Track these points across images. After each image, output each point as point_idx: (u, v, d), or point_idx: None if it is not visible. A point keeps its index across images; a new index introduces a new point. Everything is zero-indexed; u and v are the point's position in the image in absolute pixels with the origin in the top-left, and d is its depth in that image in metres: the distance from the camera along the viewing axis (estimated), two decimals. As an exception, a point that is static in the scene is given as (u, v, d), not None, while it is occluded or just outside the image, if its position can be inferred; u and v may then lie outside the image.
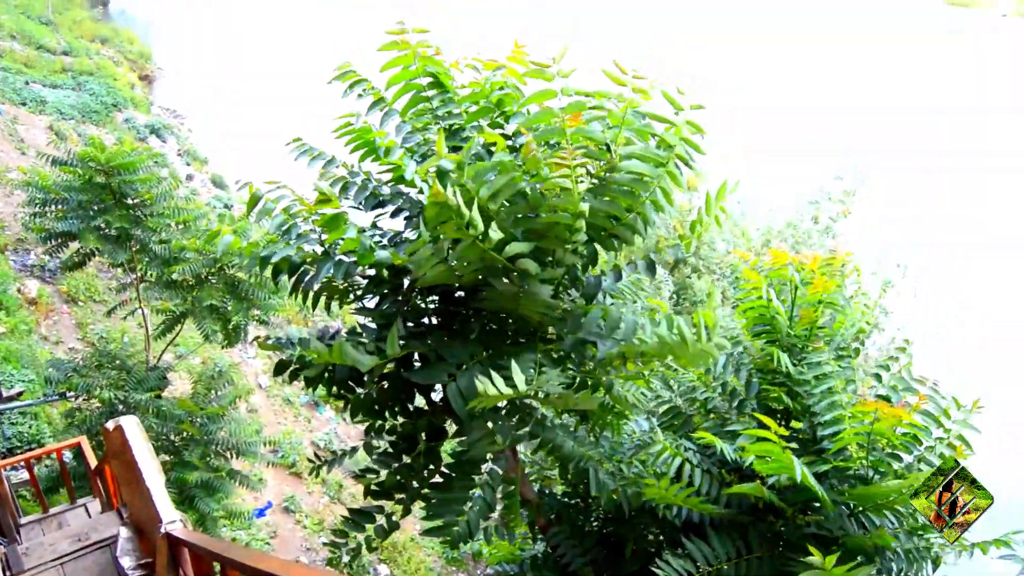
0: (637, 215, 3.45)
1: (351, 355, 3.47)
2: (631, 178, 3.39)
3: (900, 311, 12.38)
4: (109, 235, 11.44)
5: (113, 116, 31.37)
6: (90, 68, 34.62)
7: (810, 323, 4.67)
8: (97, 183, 11.17)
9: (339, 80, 4.20)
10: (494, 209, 3.24)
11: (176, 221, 11.89)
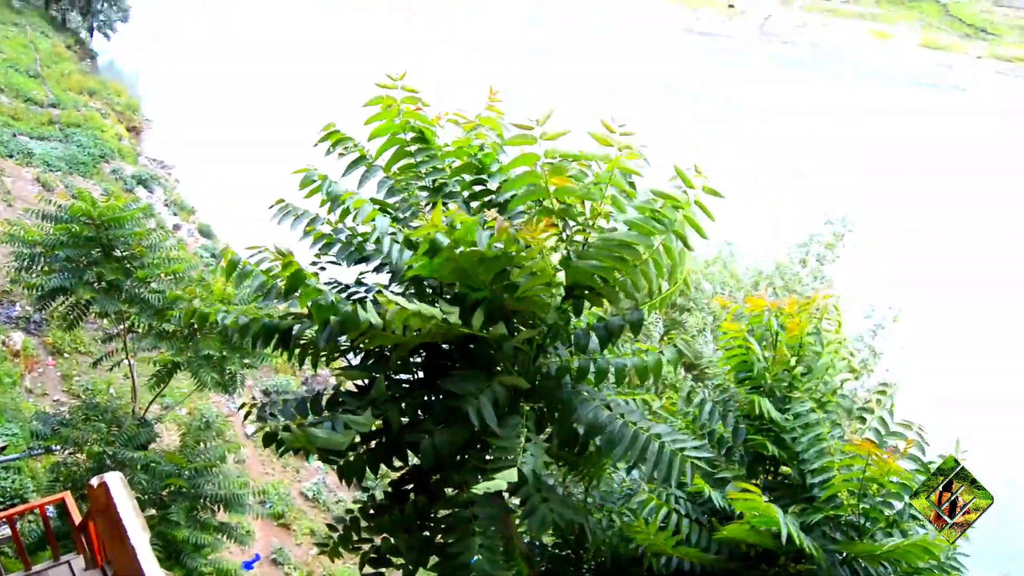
0: (627, 278, 3.47)
1: (321, 439, 3.48)
2: (618, 243, 3.41)
3: (890, 353, 12.45)
4: (99, 287, 11.42)
5: (100, 167, 31.47)
6: (78, 120, 34.80)
7: (785, 365, 4.69)
8: (87, 237, 11.19)
9: (324, 141, 4.25)
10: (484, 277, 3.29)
11: (166, 272, 11.89)
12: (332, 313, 3.56)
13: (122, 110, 41.71)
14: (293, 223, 4.35)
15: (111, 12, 55.66)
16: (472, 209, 4.02)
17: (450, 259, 3.35)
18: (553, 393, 3.82)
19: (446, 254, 3.33)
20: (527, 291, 3.35)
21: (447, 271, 3.41)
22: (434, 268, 3.41)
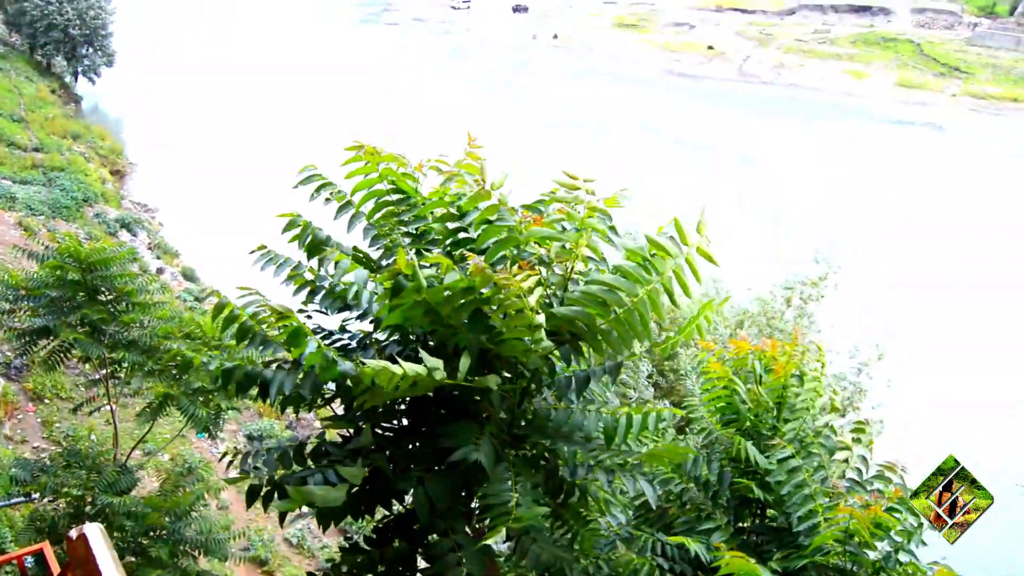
0: (609, 327, 3.48)
1: (319, 497, 3.45)
2: (603, 288, 3.42)
3: (875, 390, 12.50)
4: (83, 330, 11.31)
5: (83, 211, 31.39)
6: (61, 164, 34.77)
7: (767, 408, 4.69)
8: (72, 280, 11.11)
9: (304, 184, 4.26)
10: (455, 321, 3.28)
11: (153, 316, 11.79)
12: (335, 375, 3.55)
13: (106, 154, 41.78)
14: (276, 270, 4.33)
15: (96, 57, 55.97)
16: (455, 257, 4.03)
17: (418, 301, 3.35)
18: (538, 441, 3.80)
19: (412, 296, 3.32)
20: (507, 334, 3.35)
21: (419, 315, 3.40)
22: (406, 313, 3.40)
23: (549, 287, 3.54)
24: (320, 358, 3.46)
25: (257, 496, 4.21)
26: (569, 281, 3.58)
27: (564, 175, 3.45)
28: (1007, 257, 38.08)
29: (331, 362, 3.45)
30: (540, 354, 3.50)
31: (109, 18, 55.47)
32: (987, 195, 48.19)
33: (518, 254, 3.62)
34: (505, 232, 3.51)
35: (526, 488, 3.52)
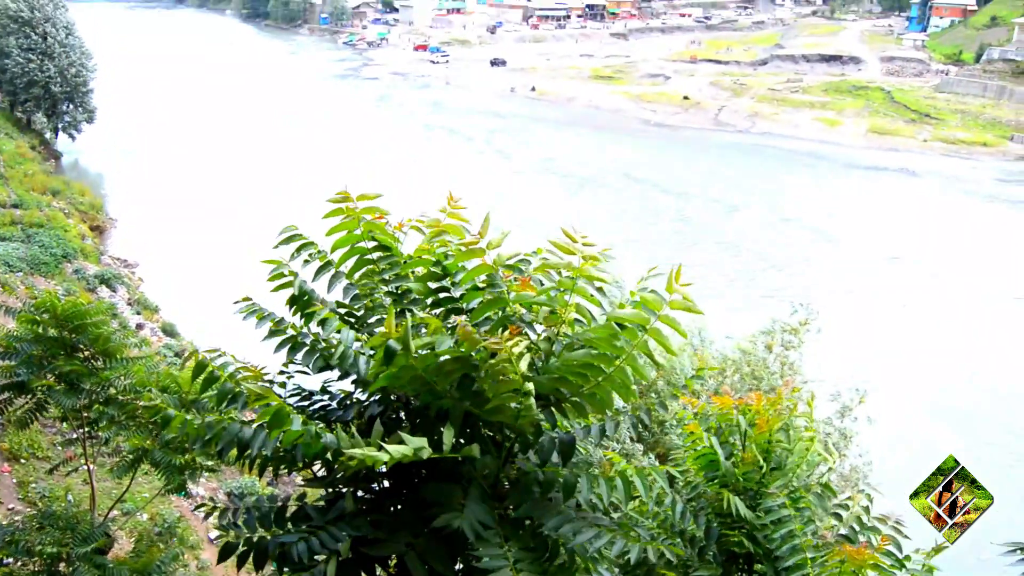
0: (592, 392, 3.47)
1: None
2: (579, 364, 3.42)
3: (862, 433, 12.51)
4: (61, 387, 11.15)
5: (62, 267, 31.19)
6: (40, 220, 34.63)
7: (754, 465, 4.67)
8: (49, 336, 10.98)
9: (285, 244, 4.25)
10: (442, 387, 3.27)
11: (131, 371, 11.66)
12: (318, 449, 3.51)
13: (86, 209, 41.69)
14: (258, 323, 4.29)
15: (77, 113, 56.16)
16: (438, 316, 4.02)
17: (407, 367, 3.32)
18: (522, 502, 3.76)
19: (402, 361, 3.30)
20: (495, 400, 3.32)
21: (406, 379, 3.38)
22: (393, 378, 3.37)
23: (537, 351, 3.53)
24: (302, 435, 3.41)
25: (231, 554, 4.12)
26: (555, 343, 3.57)
27: (562, 234, 3.45)
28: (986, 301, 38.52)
29: (315, 437, 3.41)
30: (528, 420, 3.48)
31: (90, 75, 55.76)
32: (966, 237, 48.92)
33: (504, 315, 3.61)
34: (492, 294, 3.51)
35: (518, 553, 3.47)
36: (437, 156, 63.68)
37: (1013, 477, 23.90)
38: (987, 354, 32.80)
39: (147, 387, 11.25)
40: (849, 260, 42.71)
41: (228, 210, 47.55)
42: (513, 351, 3.15)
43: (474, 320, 3.60)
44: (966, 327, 35.34)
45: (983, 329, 35.25)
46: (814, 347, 29.77)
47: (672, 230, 46.11)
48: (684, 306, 3.37)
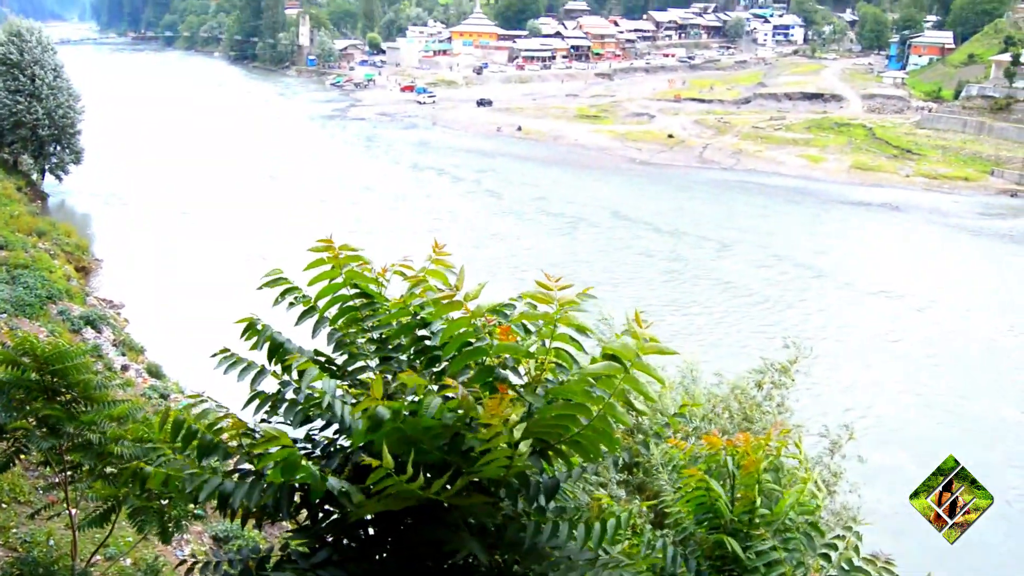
0: (577, 440, 3.45)
1: None
2: (561, 407, 3.40)
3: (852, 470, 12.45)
4: (38, 432, 10.98)
5: (47, 309, 30.92)
6: (26, 261, 34.41)
7: (749, 506, 4.63)
8: (29, 379, 10.84)
9: (269, 287, 4.23)
10: (430, 447, 3.26)
11: (112, 415, 11.49)
12: (321, 493, 3.46)
13: (72, 250, 41.52)
14: (240, 375, 4.25)
15: (64, 155, 56.15)
16: (419, 367, 4.00)
17: (395, 429, 3.29)
18: (512, 545, 3.71)
19: (389, 425, 3.27)
20: (487, 457, 3.30)
21: (393, 441, 3.34)
22: (380, 442, 3.33)
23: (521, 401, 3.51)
24: (310, 477, 3.35)
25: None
26: (538, 389, 3.55)
27: (537, 285, 3.43)
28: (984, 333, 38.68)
29: (321, 480, 3.35)
30: (517, 471, 3.46)
31: (78, 117, 55.86)
32: (953, 271, 49.30)
33: (484, 365, 3.60)
34: (473, 345, 3.51)
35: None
36: (427, 196, 63.88)
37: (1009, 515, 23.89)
38: (977, 387, 32.87)
39: (120, 438, 11.09)
40: (841, 297, 42.87)
41: (215, 251, 47.51)
42: (512, 418, 3.14)
43: (453, 369, 3.59)
44: (955, 361, 35.45)
45: (973, 363, 35.35)
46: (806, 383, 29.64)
47: (666, 269, 46.26)
48: (656, 350, 3.35)
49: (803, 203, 66.49)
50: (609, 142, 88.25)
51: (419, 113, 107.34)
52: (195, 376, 28.33)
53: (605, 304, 3.62)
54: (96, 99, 68.25)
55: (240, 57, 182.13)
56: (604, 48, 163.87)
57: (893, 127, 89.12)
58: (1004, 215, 64.42)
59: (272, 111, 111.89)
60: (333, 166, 74.67)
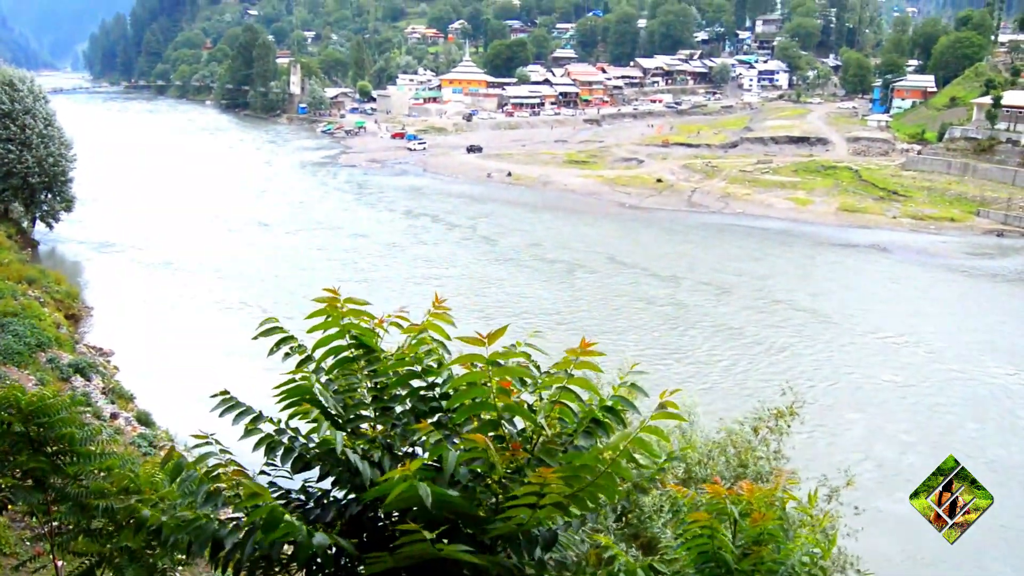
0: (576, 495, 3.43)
1: None
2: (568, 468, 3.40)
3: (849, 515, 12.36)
4: (23, 485, 10.79)
5: (36, 357, 30.73)
6: (15, 309, 34.24)
7: (758, 560, 4.57)
8: (15, 431, 10.70)
9: (264, 336, 4.20)
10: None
11: (100, 467, 11.33)
12: (309, 552, 3.40)
13: (61, 298, 41.38)
14: (235, 419, 4.20)
15: (55, 202, 56.26)
16: (420, 416, 3.98)
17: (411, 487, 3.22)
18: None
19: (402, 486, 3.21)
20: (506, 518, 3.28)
21: (404, 499, 3.30)
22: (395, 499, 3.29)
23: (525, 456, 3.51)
24: (296, 533, 3.30)
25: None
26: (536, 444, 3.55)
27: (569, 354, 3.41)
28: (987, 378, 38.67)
29: (307, 535, 3.30)
30: (529, 527, 3.44)
31: (70, 165, 56.07)
32: (947, 311, 49.46)
33: (485, 422, 3.59)
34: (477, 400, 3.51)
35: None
36: (422, 243, 63.84)
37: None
38: (985, 430, 32.62)
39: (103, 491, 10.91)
40: (841, 340, 42.72)
41: (206, 298, 47.42)
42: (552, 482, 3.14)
43: (456, 421, 3.58)
44: (961, 404, 35.17)
45: (979, 406, 35.01)
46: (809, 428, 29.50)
47: (666, 315, 46.13)
48: (668, 415, 3.36)
49: (794, 245, 66.88)
50: (598, 187, 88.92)
51: (410, 160, 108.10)
52: (185, 424, 28.09)
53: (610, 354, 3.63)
54: (88, 147, 68.58)
55: (231, 105, 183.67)
56: (592, 94, 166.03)
57: (878, 169, 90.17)
58: (992, 255, 64.94)
59: (263, 158, 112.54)
60: (326, 213, 74.87)
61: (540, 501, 3.25)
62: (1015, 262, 62.35)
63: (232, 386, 4.42)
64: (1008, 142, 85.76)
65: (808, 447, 27.39)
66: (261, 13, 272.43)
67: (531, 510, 3.25)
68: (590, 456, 3.35)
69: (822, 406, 32.91)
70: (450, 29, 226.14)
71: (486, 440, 3.32)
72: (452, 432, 3.73)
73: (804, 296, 51.32)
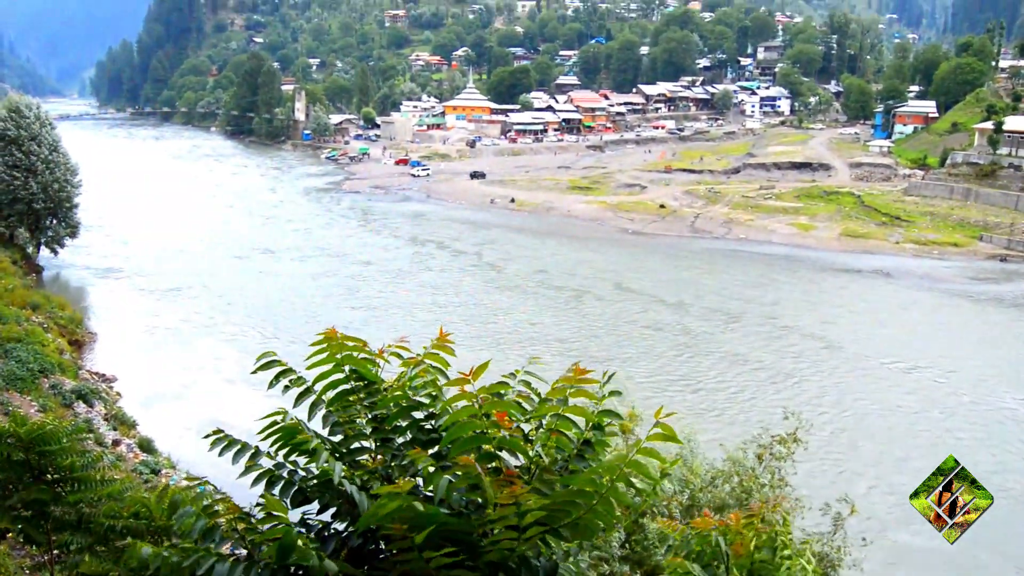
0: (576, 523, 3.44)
1: None
2: (564, 493, 3.41)
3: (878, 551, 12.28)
4: (23, 515, 10.76)
5: (39, 382, 30.75)
6: (18, 335, 34.32)
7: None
8: (15, 460, 10.68)
9: (263, 370, 4.23)
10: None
11: (101, 494, 11.30)
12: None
13: (65, 323, 41.49)
14: (235, 457, 4.21)
15: (60, 228, 56.53)
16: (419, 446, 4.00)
17: (408, 508, 3.26)
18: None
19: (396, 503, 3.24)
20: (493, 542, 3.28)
21: (399, 520, 3.32)
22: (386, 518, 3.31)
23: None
24: (308, 560, 3.32)
25: None
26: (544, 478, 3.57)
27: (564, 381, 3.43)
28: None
29: (320, 560, 3.32)
30: (521, 553, 3.45)
31: (75, 190, 56.40)
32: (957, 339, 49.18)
33: (481, 453, 3.61)
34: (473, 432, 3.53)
35: None
36: (428, 270, 63.65)
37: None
38: (1006, 460, 32.17)
39: (115, 513, 10.89)
40: (853, 368, 42.29)
41: (210, 325, 47.47)
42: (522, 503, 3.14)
43: (454, 453, 3.59)
44: (979, 433, 34.69)
45: (997, 435, 34.50)
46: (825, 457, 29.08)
47: (676, 343, 45.83)
48: (664, 437, 3.37)
49: (798, 271, 66.81)
50: (602, 213, 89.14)
51: (413, 186, 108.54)
52: (187, 450, 28.03)
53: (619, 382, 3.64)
54: (94, 173, 68.98)
55: (236, 132, 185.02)
56: (595, 121, 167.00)
57: (881, 195, 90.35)
58: (997, 280, 64.82)
59: (268, 184, 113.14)
60: (331, 240, 75.01)
61: (522, 522, 3.23)
62: (1020, 287, 62.24)
63: (235, 413, 4.46)
64: (1010, 167, 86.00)
65: (820, 476, 27.16)
66: (267, 41, 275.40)
67: (516, 532, 3.24)
68: (584, 479, 3.36)
69: (834, 434, 32.65)
70: (454, 56, 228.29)
71: (476, 464, 3.33)
72: (452, 463, 3.75)
73: (812, 322, 51.08)
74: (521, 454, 3.58)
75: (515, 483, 3.28)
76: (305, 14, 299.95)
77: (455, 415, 3.59)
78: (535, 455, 3.62)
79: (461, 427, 3.53)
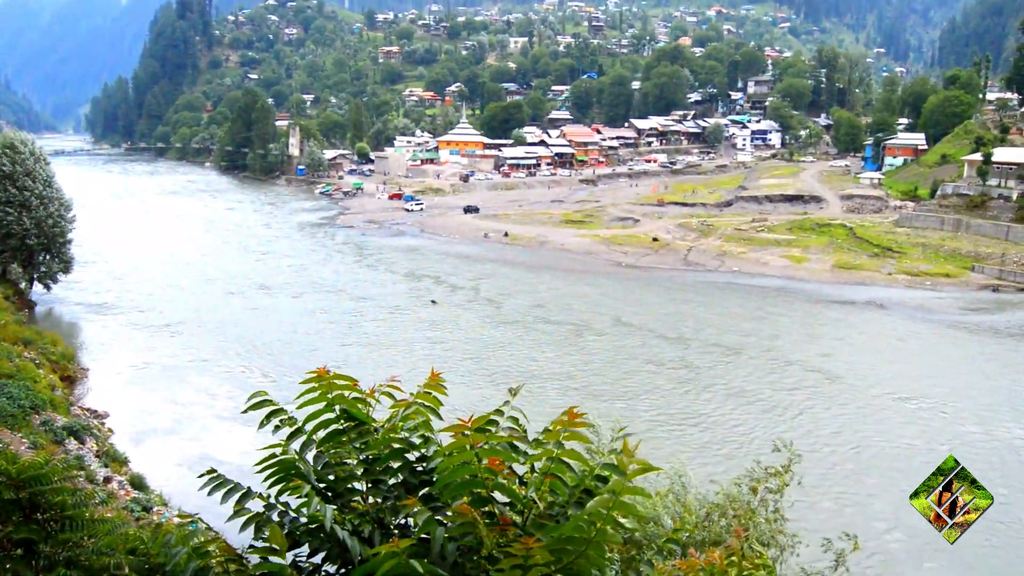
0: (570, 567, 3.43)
1: None
2: (553, 541, 3.40)
3: None
4: (12, 554, 10.64)
5: (30, 419, 30.53)
6: (10, 371, 34.14)
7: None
8: (6, 499, 10.59)
9: (254, 409, 4.21)
10: None
11: (92, 533, 11.18)
12: None
13: (57, 359, 41.30)
14: (224, 497, 4.19)
15: (53, 264, 56.51)
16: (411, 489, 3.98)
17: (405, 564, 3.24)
18: None
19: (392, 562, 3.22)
20: None
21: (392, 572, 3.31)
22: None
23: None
24: None
25: None
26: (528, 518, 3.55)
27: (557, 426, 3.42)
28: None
29: None
30: None
31: (69, 226, 56.47)
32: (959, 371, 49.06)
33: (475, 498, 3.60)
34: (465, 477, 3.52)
35: None
36: (425, 306, 63.23)
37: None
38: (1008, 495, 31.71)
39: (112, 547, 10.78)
40: (857, 402, 41.85)
41: (203, 362, 47.26)
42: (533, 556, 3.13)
43: (447, 496, 3.58)
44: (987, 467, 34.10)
45: (1005, 470, 33.96)
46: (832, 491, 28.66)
47: (678, 378, 45.51)
48: (642, 471, 3.38)
49: (794, 303, 66.86)
50: (595, 246, 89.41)
51: (407, 220, 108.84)
52: (178, 487, 27.79)
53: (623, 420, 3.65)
54: (88, 208, 69.07)
55: (231, 167, 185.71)
56: (587, 155, 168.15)
57: (873, 226, 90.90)
58: (990, 310, 65.00)
59: (263, 220, 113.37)
60: (327, 275, 74.91)
61: (526, 575, 3.22)
62: (1014, 316, 62.35)
63: (228, 449, 4.44)
64: (1000, 198, 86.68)
65: (834, 515, 26.94)
66: (261, 77, 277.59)
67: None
68: (571, 526, 3.35)
69: (844, 472, 32.28)
70: (447, 92, 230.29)
71: (475, 514, 3.32)
72: (443, 505, 3.72)
73: (811, 355, 50.90)
74: (514, 499, 3.56)
75: (509, 529, 3.27)
76: (299, 50, 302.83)
77: (447, 461, 3.58)
78: (527, 499, 3.60)
79: (454, 472, 3.52)
